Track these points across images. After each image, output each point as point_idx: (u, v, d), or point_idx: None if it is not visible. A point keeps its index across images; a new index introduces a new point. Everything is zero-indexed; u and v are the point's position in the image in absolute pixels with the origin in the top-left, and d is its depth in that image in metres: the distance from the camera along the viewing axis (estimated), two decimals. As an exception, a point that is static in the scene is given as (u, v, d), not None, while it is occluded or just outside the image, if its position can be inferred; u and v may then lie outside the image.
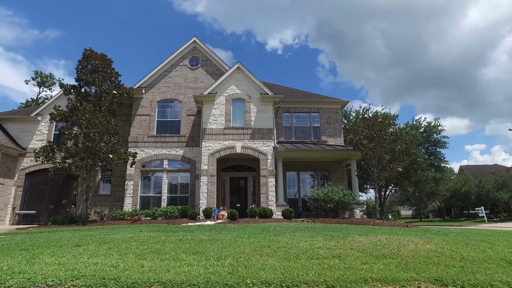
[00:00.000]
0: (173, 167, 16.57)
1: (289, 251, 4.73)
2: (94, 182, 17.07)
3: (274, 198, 14.82)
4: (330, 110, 19.32)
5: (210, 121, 15.70)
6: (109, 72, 15.87)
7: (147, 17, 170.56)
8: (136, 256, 4.87)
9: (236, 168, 18.11)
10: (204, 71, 18.03)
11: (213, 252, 4.91)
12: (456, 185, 39.39)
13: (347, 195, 13.45)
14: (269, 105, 16.01)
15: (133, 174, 16.24)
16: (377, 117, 14.16)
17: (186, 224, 11.72)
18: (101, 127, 13.95)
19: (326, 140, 18.64)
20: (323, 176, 18.36)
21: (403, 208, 79.46)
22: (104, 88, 15.21)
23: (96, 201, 16.81)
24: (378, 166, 13.69)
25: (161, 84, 17.73)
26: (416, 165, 21.02)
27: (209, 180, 14.90)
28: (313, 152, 15.98)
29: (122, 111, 18.11)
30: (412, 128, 22.85)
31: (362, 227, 10.34)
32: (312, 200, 13.78)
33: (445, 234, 7.39)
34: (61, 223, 13.41)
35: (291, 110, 19.14)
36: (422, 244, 5.17)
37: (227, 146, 15.39)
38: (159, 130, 17.10)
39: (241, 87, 16.28)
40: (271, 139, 15.58)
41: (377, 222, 11.90)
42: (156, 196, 16.20)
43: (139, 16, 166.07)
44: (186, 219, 12.80)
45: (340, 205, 13.21)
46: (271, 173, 15.12)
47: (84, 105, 14.42)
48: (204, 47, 18.24)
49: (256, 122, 15.77)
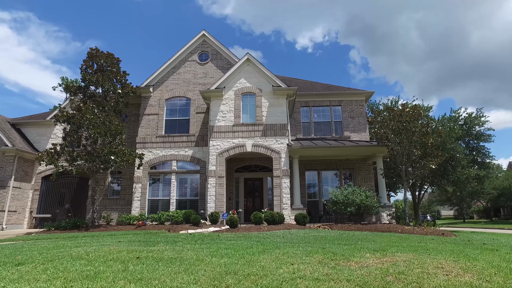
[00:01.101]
0: (182, 168, 15.60)
1: (258, 283, 3.36)
2: (104, 185, 16.54)
3: (288, 201, 13.35)
4: (353, 103, 17.48)
5: (218, 118, 14.54)
6: (115, 71, 15.23)
7: (178, 22, 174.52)
8: (63, 283, 3.73)
9: (250, 168, 16.84)
10: (214, 66, 16.94)
11: (159, 279, 3.65)
12: (505, 183, 35.37)
13: (371, 197, 11.68)
14: (282, 99, 14.56)
15: (141, 177, 15.48)
16: (404, 106, 12.24)
17: (185, 231, 10.62)
18: (103, 128, 13.26)
19: (349, 136, 16.85)
20: (347, 176, 16.59)
21: (444, 208, 73.94)
22: (107, 87, 14.56)
23: (106, 205, 16.26)
24: (407, 163, 11.79)
25: (169, 81, 16.87)
26: (455, 162, 18.44)
27: (217, 182, 13.74)
28: (332, 149, 14.31)
29: (132, 111, 17.50)
30: (450, 120, 20.17)
31: (386, 236, 8.64)
32: (331, 203, 12.16)
33: (494, 250, 5.62)
34: (64, 228, 12.85)
35: (309, 104, 17.54)
36: (457, 273, 3.57)
37: (237, 145, 14.14)
38: (168, 129, 16.22)
39: (252, 80, 14.98)
40: (285, 135, 14.11)
41: (406, 229, 10.08)
42: (164, 200, 15.31)
43: (169, 22, 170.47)
44: (188, 225, 11.71)
45: (362, 209, 11.49)
46: (285, 173, 13.67)
47: (86, 105, 13.84)
48: (214, 40, 17.15)
49: (268, 118, 14.38)
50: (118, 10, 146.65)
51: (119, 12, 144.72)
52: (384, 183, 14.11)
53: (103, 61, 15.36)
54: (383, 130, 12.35)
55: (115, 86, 14.96)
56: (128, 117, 17.49)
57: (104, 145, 13.41)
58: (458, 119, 20.61)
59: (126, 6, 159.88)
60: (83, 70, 15.02)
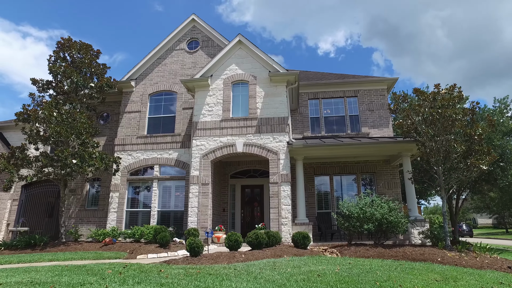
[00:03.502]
0: (166, 174, 13.14)
1: None
2: (81, 194, 14.37)
3: (289, 214, 10.51)
4: (372, 93, 14.44)
5: (204, 112, 11.99)
6: (87, 62, 13.13)
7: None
8: None
9: (248, 173, 14.14)
10: (205, 54, 14.48)
11: None
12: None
13: (396, 210, 8.62)
14: (281, 86, 11.82)
15: (118, 184, 13.16)
16: (438, 87, 9.14)
17: (144, 256, 8.06)
18: (64, 126, 11.05)
19: (369, 133, 13.82)
20: (366, 182, 13.54)
21: (481, 216, 67.38)
22: (76, 80, 12.43)
23: (83, 217, 14.04)
24: (445, 163, 8.69)
25: (154, 74, 14.57)
26: (505, 162, 14.73)
27: (201, 190, 11.13)
28: (345, 148, 11.38)
29: (115, 110, 15.32)
30: (494, 113, 16.51)
31: (420, 271, 5.67)
32: (342, 217, 9.20)
33: None
34: (15, 247, 10.67)
35: (319, 95, 14.66)
36: None
37: (225, 144, 11.50)
38: (151, 129, 13.86)
39: (244, 66, 12.36)
40: (285, 131, 11.33)
41: (449, 257, 6.99)
42: (145, 211, 12.88)
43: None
44: (154, 246, 9.11)
45: (384, 226, 8.46)
46: (284, 178, 10.86)
47: (47, 101, 11.77)
48: (205, 25, 14.73)
49: (264, 110, 11.67)
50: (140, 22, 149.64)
51: (141, 24, 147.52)
52: (413, 190, 10.97)
53: (75, 51, 13.32)
54: (411, 119, 9.30)
55: (86, 78, 12.82)
56: (110, 117, 15.34)
57: (65, 146, 11.21)
58: (505, 109, 16.72)
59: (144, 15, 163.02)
60: (51, 62, 13.02)
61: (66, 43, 13.33)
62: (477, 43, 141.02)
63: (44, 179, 13.36)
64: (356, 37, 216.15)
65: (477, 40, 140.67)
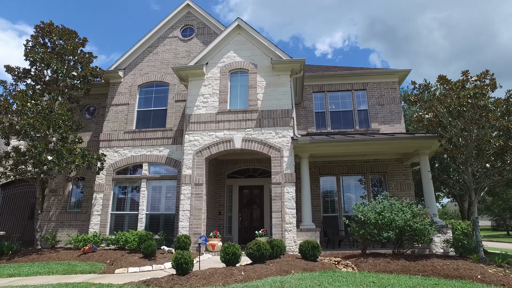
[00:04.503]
0: (156, 173, 11.85)
1: None
2: (63, 195, 13.02)
3: (293, 219, 9.25)
4: (383, 86, 13.23)
5: (198, 103, 10.71)
6: (70, 49, 11.82)
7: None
8: None
9: (247, 173, 12.88)
10: (200, 42, 13.21)
11: None
12: None
13: (419, 216, 7.38)
14: (284, 76, 10.56)
15: (103, 184, 11.85)
16: (466, 74, 7.94)
17: (124, 270, 6.78)
18: (37, 117, 9.73)
19: (379, 129, 12.61)
20: (375, 182, 12.33)
21: (481, 218, 66.77)
22: (56, 67, 11.11)
23: (64, 220, 12.69)
24: (476, 161, 7.48)
25: (144, 63, 13.27)
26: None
27: (194, 192, 9.85)
28: (356, 144, 10.15)
29: (102, 103, 14.00)
30: None
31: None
32: (356, 224, 7.95)
33: None
34: (-19, 256, 9.34)
35: (324, 88, 13.44)
36: None
37: (221, 139, 10.22)
38: (140, 123, 12.57)
39: (243, 53, 11.10)
40: (289, 125, 10.08)
41: (491, 275, 5.77)
42: (132, 215, 11.58)
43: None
44: (138, 256, 7.81)
45: (407, 234, 7.23)
46: (288, 178, 9.60)
47: (22, 90, 10.46)
48: (201, 11, 13.46)
49: (265, 102, 10.42)
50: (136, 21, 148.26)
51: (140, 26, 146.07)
52: (432, 191, 9.75)
53: (56, 37, 12.01)
54: (434, 112, 8.08)
55: (68, 67, 11.50)
56: (97, 110, 14.02)
57: (38, 141, 9.90)
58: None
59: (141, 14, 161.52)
60: (28, 47, 11.69)
61: (46, 28, 12.01)
62: (475, 45, 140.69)
63: (23, 178, 12.10)
64: (353, 39, 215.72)
65: (474, 42, 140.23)
